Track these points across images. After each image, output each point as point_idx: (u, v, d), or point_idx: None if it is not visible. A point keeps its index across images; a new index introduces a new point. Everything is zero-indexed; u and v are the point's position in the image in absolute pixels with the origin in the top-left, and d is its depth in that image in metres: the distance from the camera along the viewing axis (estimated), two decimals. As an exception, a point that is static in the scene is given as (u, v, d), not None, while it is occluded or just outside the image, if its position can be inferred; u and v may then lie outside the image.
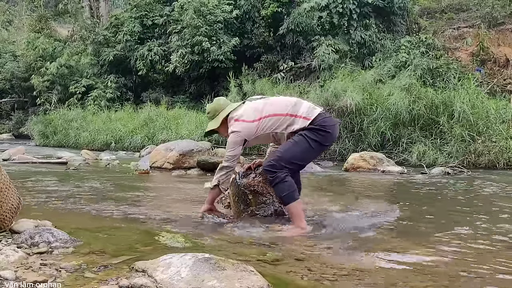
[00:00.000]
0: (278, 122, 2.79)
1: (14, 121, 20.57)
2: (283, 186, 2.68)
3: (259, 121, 2.80)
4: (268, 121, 2.80)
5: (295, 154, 2.73)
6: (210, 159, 6.29)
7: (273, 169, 2.70)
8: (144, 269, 1.76)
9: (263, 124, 2.80)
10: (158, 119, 12.20)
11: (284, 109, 2.82)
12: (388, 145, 7.82)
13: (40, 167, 7.01)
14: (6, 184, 2.38)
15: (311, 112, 2.79)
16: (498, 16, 13.70)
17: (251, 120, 2.81)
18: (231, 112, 2.91)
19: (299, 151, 2.73)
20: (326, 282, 1.80)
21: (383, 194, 4.57)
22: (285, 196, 2.70)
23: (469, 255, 2.24)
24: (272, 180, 2.72)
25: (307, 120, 2.76)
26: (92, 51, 17.63)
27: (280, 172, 2.69)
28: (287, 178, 2.69)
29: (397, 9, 13.43)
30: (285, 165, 2.70)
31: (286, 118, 2.79)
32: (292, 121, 2.78)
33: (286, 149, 2.74)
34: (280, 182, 2.69)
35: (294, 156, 2.73)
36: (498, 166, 6.63)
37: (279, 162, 2.70)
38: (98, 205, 3.54)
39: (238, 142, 2.81)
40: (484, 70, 12.30)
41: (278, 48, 14.46)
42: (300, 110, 2.80)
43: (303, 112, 2.79)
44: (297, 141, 2.74)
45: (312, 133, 2.74)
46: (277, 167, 2.70)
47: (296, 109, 2.80)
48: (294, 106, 2.82)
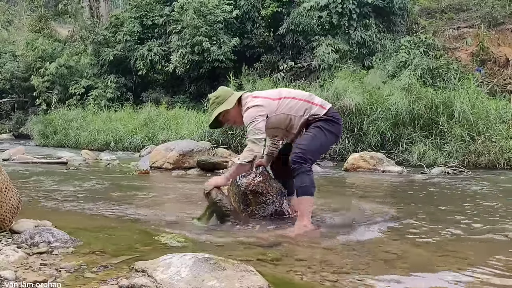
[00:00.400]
0: (296, 106, 2.84)
1: (14, 121, 20.58)
2: (305, 177, 2.72)
3: (279, 100, 2.86)
4: (288, 102, 2.85)
5: (317, 145, 2.81)
6: (210, 159, 6.29)
7: (301, 160, 2.73)
8: (144, 269, 1.76)
9: (283, 103, 2.84)
10: (158, 119, 12.20)
11: (301, 95, 2.91)
12: (388, 145, 7.82)
13: (40, 167, 7.01)
14: (6, 184, 2.38)
15: (325, 104, 2.92)
16: (498, 16, 13.70)
17: (272, 97, 2.87)
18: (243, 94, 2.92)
19: (319, 143, 2.81)
20: (326, 282, 1.80)
21: (382, 194, 4.57)
22: (303, 186, 2.71)
23: (469, 255, 2.24)
24: (297, 169, 2.72)
25: (323, 109, 2.86)
26: (92, 51, 17.63)
27: (306, 164, 2.74)
28: (311, 172, 2.75)
29: (397, 9, 13.42)
30: (310, 157, 2.77)
31: (304, 103, 2.86)
32: (309, 107, 2.85)
33: (309, 142, 2.79)
34: (303, 173, 2.72)
35: (316, 148, 2.81)
36: (498, 166, 6.63)
37: (305, 154, 2.75)
38: (98, 205, 3.54)
39: (262, 115, 2.76)
40: (484, 70, 12.30)
41: (278, 48, 14.47)
42: (315, 100, 2.91)
43: (318, 101, 2.90)
44: (316, 134, 2.81)
45: (327, 123, 2.83)
46: (304, 158, 2.74)
47: (312, 98, 2.91)
48: (309, 96, 2.93)
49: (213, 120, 2.95)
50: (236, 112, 2.90)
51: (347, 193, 4.68)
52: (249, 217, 2.97)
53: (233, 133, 9.43)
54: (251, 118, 2.77)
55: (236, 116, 2.92)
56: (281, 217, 2.97)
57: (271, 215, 2.96)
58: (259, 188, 3.01)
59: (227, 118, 2.94)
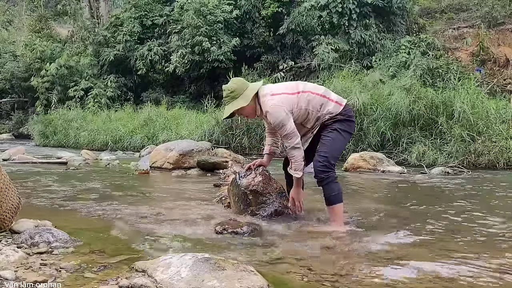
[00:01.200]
0: (314, 100, 2.80)
1: (14, 121, 20.57)
2: (333, 186, 2.75)
3: (297, 94, 2.81)
4: (306, 96, 2.80)
5: (337, 149, 2.83)
6: (210, 159, 6.29)
7: (326, 169, 2.74)
8: (144, 269, 1.76)
9: (301, 98, 2.79)
10: (158, 119, 12.20)
11: (318, 90, 2.87)
12: (388, 145, 7.82)
13: (40, 167, 7.01)
14: (6, 184, 2.38)
15: (341, 100, 2.89)
16: (498, 16, 13.70)
17: (291, 92, 2.81)
18: (260, 89, 2.83)
19: (338, 146, 2.84)
20: (326, 283, 1.80)
21: (382, 194, 4.57)
22: (334, 195, 2.75)
23: (470, 255, 2.24)
24: (325, 179, 2.74)
25: (339, 106, 2.84)
26: (92, 52, 17.63)
27: (332, 172, 2.76)
28: (337, 180, 2.79)
29: (396, 9, 13.43)
30: (333, 162, 2.78)
31: (321, 98, 2.83)
32: (326, 103, 2.82)
33: (329, 148, 2.78)
34: (331, 182, 2.75)
35: (337, 152, 2.84)
36: (498, 166, 6.63)
37: (329, 161, 2.76)
38: (98, 205, 3.54)
39: (286, 114, 2.72)
40: (484, 70, 12.30)
41: (278, 48, 14.47)
42: (331, 95, 2.87)
43: (334, 97, 2.87)
44: (334, 137, 2.80)
45: (342, 124, 2.83)
46: (328, 166, 2.75)
47: (328, 94, 2.88)
48: (326, 91, 2.89)
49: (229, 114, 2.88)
50: (251, 108, 2.83)
51: (347, 193, 4.68)
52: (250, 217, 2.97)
53: (233, 133, 9.44)
54: (280, 121, 2.71)
55: (251, 111, 2.86)
56: (283, 217, 2.97)
57: (271, 215, 2.96)
58: (259, 188, 3.00)
59: (241, 111, 2.86)
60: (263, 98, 2.78)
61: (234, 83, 2.87)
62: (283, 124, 2.70)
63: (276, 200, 3.00)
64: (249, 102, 2.77)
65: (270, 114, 2.73)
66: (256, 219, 2.93)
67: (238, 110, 2.83)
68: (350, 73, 9.77)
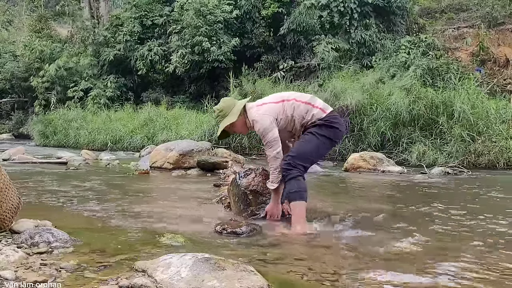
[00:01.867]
0: (299, 108, 2.87)
1: (14, 121, 20.56)
2: (294, 183, 2.74)
3: (282, 102, 2.89)
4: (290, 104, 2.88)
5: (308, 151, 2.82)
6: (210, 159, 6.28)
7: (289, 166, 2.77)
8: (144, 269, 1.76)
9: (286, 106, 2.87)
10: (158, 119, 12.19)
11: (303, 98, 2.94)
12: (388, 145, 7.82)
13: (40, 167, 7.01)
14: (6, 184, 2.38)
15: (327, 107, 2.93)
16: (498, 16, 13.70)
17: (275, 101, 2.92)
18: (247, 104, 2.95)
19: (311, 148, 2.83)
20: (326, 282, 1.80)
21: (382, 194, 4.57)
22: (293, 192, 2.74)
23: (470, 254, 2.24)
24: (286, 176, 2.77)
25: (323, 112, 2.88)
26: (92, 52, 17.62)
27: (294, 170, 2.76)
28: (300, 178, 2.77)
29: (396, 8, 13.43)
30: (299, 162, 2.78)
31: (306, 105, 2.88)
32: (310, 109, 2.87)
33: (299, 148, 2.83)
34: (292, 179, 2.75)
35: (307, 153, 2.82)
36: (498, 166, 6.63)
37: (294, 160, 2.78)
38: (98, 205, 3.54)
39: (270, 122, 2.80)
40: (484, 70, 12.30)
41: (278, 48, 14.47)
42: (317, 102, 2.92)
43: (319, 104, 2.92)
44: (308, 139, 2.84)
45: (320, 128, 2.84)
46: (292, 164, 2.77)
47: (313, 101, 2.93)
48: (311, 98, 2.95)
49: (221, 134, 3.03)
50: (241, 123, 2.94)
51: (347, 193, 4.68)
52: (249, 218, 2.97)
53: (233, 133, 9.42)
54: (264, 129, 2.80)
55: (241, 126, 2.97)
56: (284, 218, 2.97)
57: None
58: (259, 188, 3.01)
59: (233, 129, 3.00)
60: (250, 110, 2.92)
61: (222, 102, 3.02)
62: (267, 132, 2.80)
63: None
64: (237, 117, 2.88)
65: (256, 122, 2.84)
66: (256, 219, 2.93)
67: (231, 128, 2.96)
68: (350, 73, 9.76)
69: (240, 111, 2.90)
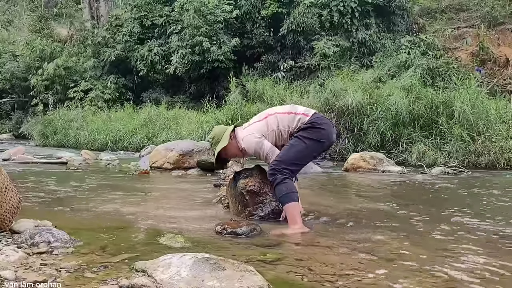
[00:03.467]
0: (283, 119, 2.95)
1: (14, 121, 20.56)
2: (281, 187, 2.78)
3: (265, 119, 2.99)
4: (273, 118, 2.97)
5: (292, 155, 2.85)
6: (210, 159, 6.28)
7: (273, 172, 2.82)
8: (144, 269, 1.76)
9: (269, 121, 2.97)
10: (158, 119, 12.20)
11: (284, 109, 3.04)
12: (388, 145, 7.82)
13: (40, 167, 7.01)
14: (6, 184, 2.38)
15: (308, 111, 3.00)
16: (498, 16, 13.71)
17: (259, 119, 3.02)
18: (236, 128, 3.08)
19: (295, 151, 2.86)
20: (326, 283, 1.80)
21: (382, 194, 4.57)
22: (282, 196, 2.78)
23: (469, 254, 2.24)
24: (272, 181, 2.83)
25: (306, 116, 2.94)
26: (91, 53, 17.63)
27: (279, 174, 2.80)
28: (287, 180, 2.79)
29: (396, 8, 13.43)
30: (285, 166, 2.82)
31: (288, 116, 2.96)
32: (293, 118, 2.95)
33: (284, 153, 2.87)
34: (279, 184, 2.78)
35: (292, 157, 2.85)
36: (498, 166, 6.63)
37: (279, 165, 2.82)
38: (98, 205, 3.54)
39: (257, 139, 2.91)
40: (484, 70, 12.29)
41: (278, 48, 14.48)
42: (298, 109, 3.01)
43: (301, 110, 3.00)
44: (293, 144, 2.89)
45: (305, 131, 2.89)
46: (277, 169, 2.81)
47: (295, 109, 3.01)
48: (292, 107, 3.05)
49: (216, 160, 3.11)
50: (233, 146, 3.01)
51: (347, 193, 4.68)
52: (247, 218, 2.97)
53: (233, 133, 9.43)
54: (255, 148, 2.91)
55: (234, 150, 3.04)
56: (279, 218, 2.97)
57: (269, 215, 2.96)
58: (255, 188, 3.01)
59: (227, 154, 3.08)
60: (238, 133, 3.02)
61: (213, 130, 3.14)
62: (259, 147, 2.90)
63: (273, 199, 2.99)
64: (227, 141, 2.97)
65: (245, 147, 2.94)
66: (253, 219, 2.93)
67: (226, 153, 3.05)
68: (350, 72, 9.76)
69: (229, 135, 2.99)
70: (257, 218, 2.95)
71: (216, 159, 3.09)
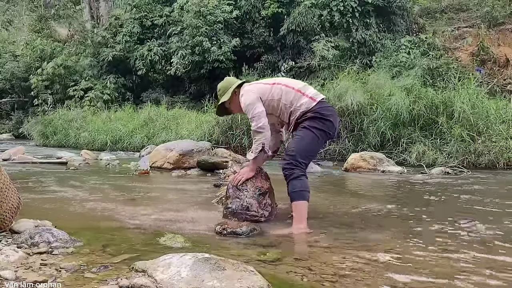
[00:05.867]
0: (288, 94, 2.88)
1: (14, 121, 20.54)
2: (296, 182, 2.72)
3: (272, 85, 2.93)
4: (280, 88, 2.90)
5: (306, 147, 2.80)
6: (210, 159, 6.28)
7: (291, 166, 2.75)
8: (144, 269, 1.76)
9: (274, 88, 2.90)
10: (158, 119, 12.19)
11: (295, 84, 2.95)
12: (388, 145, 7.82)
13: (40, 167, 7.01)
14: (6, 184, 2.38)
15: (317, 95, 2.91)
16: (498, 16, 13.70)
17: (265, 83, 2.99)
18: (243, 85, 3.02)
19: (308, 144, 2.80)
20: (326, 283, 1.80)
21: (382, 195, 4.57)
22: (295, 192, 2.72)
23: (469, 254, 2.24)
24: (288, 175, 2.75)
25: (313, 101, 2.85)
26: (91, 53, 17.62)
27: (297, 169, 2.74)
28: (302, 177, 2.75)
29: (396, 8, 13.43)
30: (301, 160, 2.76)
31: (296, 93, 2.88)
32: (299, 97, 2.86)
33: (297, 145, 2.80)
34: (294, 179, 2.73)
35: (305, 150, 2.80)
36: (498, 166, 6.63)
37: (296, 159, 2.75)
38: (98, 205, 3.54)
39: (255, 99, 2.84)
40: (484, 70, 12.29)
41: (278, 48, 14.48)
42: (308, 91, 2.91)
43: (310, 93, 2.90)
44: (303, 135, 2.81)
45: (314, 121, 2.81)
46: (294, 164, 2.75)
47: (305, 89, 2.92)
48: (304, 86, 2.95)
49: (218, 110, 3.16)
50: (235, 102, 3.00)
51: (347, 193, 4.68)
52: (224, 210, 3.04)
53: (233, 133, 9.44)
54: (247, 106, 2.84)
55: (236, 106, 3.03)
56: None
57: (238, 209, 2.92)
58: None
59: (230, 108, 3.09)
60: (241, 90, 2.96)
61: (222, 82, 3.10)
62: (251, 106, 2.82)
63: (249, 197, 2.95)
64: (229, 97, 2.96)
65: (242, 96, 2.89)
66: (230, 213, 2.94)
67: (229, 107, 3.06)
68: (352, 73, 9.76)
69: (236, 91, 2.96)
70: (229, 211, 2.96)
71: (217, 109, 3.13)
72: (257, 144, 2.83)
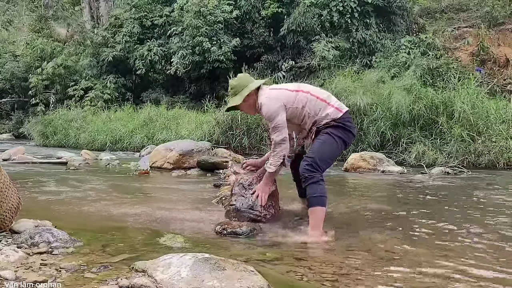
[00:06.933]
0: (313, 102, 2.80)
1: (14, 121, 20.53)
2: (316, 187, 2.66)
3: (297, 92, 2.82)
4: (305, 96, 2.80)
5: (326, 153, 2.75)
6: (210, 159, 6.28)
7: (311, 168, 2.68)
8: (144, 269, 1.76)
9: (299, 96, 2.80)
10: (158, 119, 12.19)
11: (320, 94, 2.87)
12: (388, 145, 7.82)
13: (40, 167, 7.01)
14: (6, 184, 2.38)
15: (342, 106, 2.86)
16: (498, 16, 13.70)
17: (290, 89, 2.85)
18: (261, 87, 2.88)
19: (328, 149, 2.75)
20: (326, 283, 1.80)
21: (382, 195, 4.57)
22: (315, 197, 2.65)
23: (469, 254, 2.24)
24: (308, 178, 2.67)
25: (339, 112, 2.81)
26: (90, 53, 17.62)
27: (317, 173, 2.69)
28: (322, 182, 2.69)
29: (396, 8, 13.43)
30: (320, 165, 2.71)
31: (321, 102, 2.82)
32: (325, 107, 2.80)
33: (317, 149, 2.74)
34: (314, 183, 2.67)
35: (325, 155, 2.75)
36: (498, 166, 6.63)
37: (316, 162, 2.69)
38: (98, 205, 3.54)
39: (279, 107, 2.73)
40: (484, 70, 12.28)
41: (278, 48, 14.48)
42: (332, 101, 2.86)
43: (335, 103, 2.85)
44: (325, 140, 2.75)
45: (337, 130, 2.78)
46: (314, 167, 2.69)
47: (330, 99, 2.86)
48: (328, 96, 2.88)
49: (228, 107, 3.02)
50: (249, 104, 2.87)
51: (346, 193, 4.68)
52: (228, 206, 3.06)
53: (233, 133, 9.44)
54: (272, 113, 2.73)
55: (248, 107, 2.91)
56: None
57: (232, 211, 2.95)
58: (246, 182, 3.07)
59: (240, 108, 2.95)
60: (261, 92, 2.83)
61: (236, 79, 2.95)
62: (274, 116, 2.72)
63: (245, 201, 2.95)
64: (241, 101, 2.81)
65: (263, 104, 2.76)
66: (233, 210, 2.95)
67: (239, 107, 2.91)
68: (352, 72, 9.75)
69: (250, 92, 2.81)
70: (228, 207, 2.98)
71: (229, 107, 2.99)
72: (278, 156, 2.78)
